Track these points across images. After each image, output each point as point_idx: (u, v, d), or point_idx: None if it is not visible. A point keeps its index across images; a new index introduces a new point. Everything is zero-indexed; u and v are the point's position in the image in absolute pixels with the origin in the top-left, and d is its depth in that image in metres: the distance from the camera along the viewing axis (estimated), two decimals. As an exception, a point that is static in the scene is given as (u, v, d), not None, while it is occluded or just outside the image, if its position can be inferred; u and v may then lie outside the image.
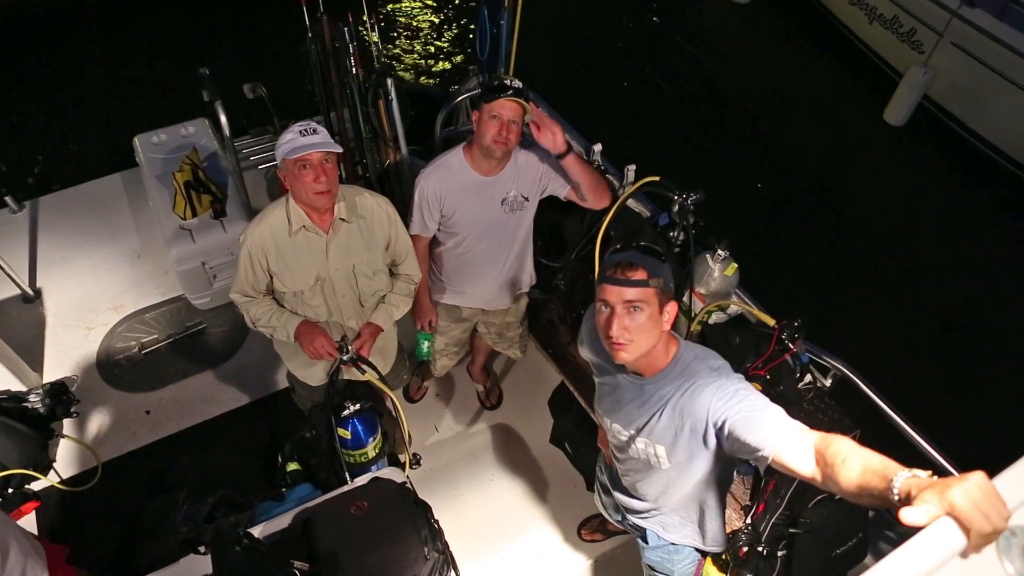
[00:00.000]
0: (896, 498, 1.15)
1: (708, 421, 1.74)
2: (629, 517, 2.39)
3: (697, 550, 2.30)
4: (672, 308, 1.81)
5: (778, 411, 1.64)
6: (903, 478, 1.15)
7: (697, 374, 1.81)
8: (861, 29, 7.71)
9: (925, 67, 6.79)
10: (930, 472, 1.14)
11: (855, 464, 1.31)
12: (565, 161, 2.63)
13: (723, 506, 2.18)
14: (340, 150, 2.40)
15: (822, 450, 1.43)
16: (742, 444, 1.63)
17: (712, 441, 1.77)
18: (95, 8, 8.07)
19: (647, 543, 2.37)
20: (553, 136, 2.56)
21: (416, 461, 2.90)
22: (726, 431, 1.69)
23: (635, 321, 1.75)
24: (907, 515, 1.00)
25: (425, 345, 3.26)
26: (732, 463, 2.04)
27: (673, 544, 2.29)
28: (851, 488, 1.31)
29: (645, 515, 2.29)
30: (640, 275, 1.74)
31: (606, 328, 1.78)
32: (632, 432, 1.99)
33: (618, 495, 2.37)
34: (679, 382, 1.83)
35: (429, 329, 3.20)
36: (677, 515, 2.20)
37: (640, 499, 2.25)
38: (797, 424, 1.58)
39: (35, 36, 7.84)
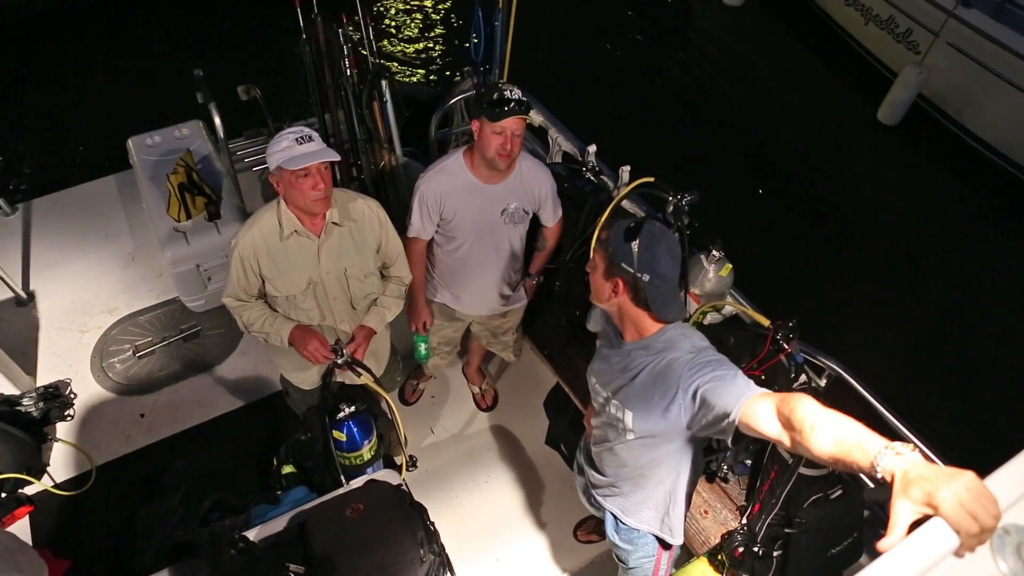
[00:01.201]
0: (880, 478, 1.14)
1: (679, 389, 1.77)
2: (593, 495, 2.40)
3: (656, 538, 2.30)
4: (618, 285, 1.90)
5: (746, 379, 1.67)
6: (887, 458, 1.14)
7: (677, 347, 1.86)
8: (856, 30, 7.74)
9: (920, 67, 6.81)
10: (912, 446, 1.14)
11: (826, 433, 1.30)
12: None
13: (686, 500, 2.19)
14: (339, 158, 2.40)
15: (786, 413, 1.42)
16: (712, 412, 1.65)
17: (676, 412, 1.79)
18: (89, 10, 8.04)
19: (607, 525, 2.39)
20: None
21: (412, 463, 2.90)
22: (698, 399, 1.71)
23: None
24: (884, 545, 0.98)
25: (422, 347, 3.24)
26: (699, 453, 2.07)
27: (632, 529, 2.29)
28: (824, 457, 1.30)
29: (606, 492, 2.30)
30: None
31: None
32: (608, 394, 2.04)
33: (587, 468, 2.39)
34: (659, 350, 1.88)
35: (424, 331, 3.20)
36: (635, 497, 2.21)
37: (601, 473, 2.28)
38: (763, 389, 1.61)
39: (28, 38, 7.81)
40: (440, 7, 8.67)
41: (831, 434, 1.29)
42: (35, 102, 7.25)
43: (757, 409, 1.52)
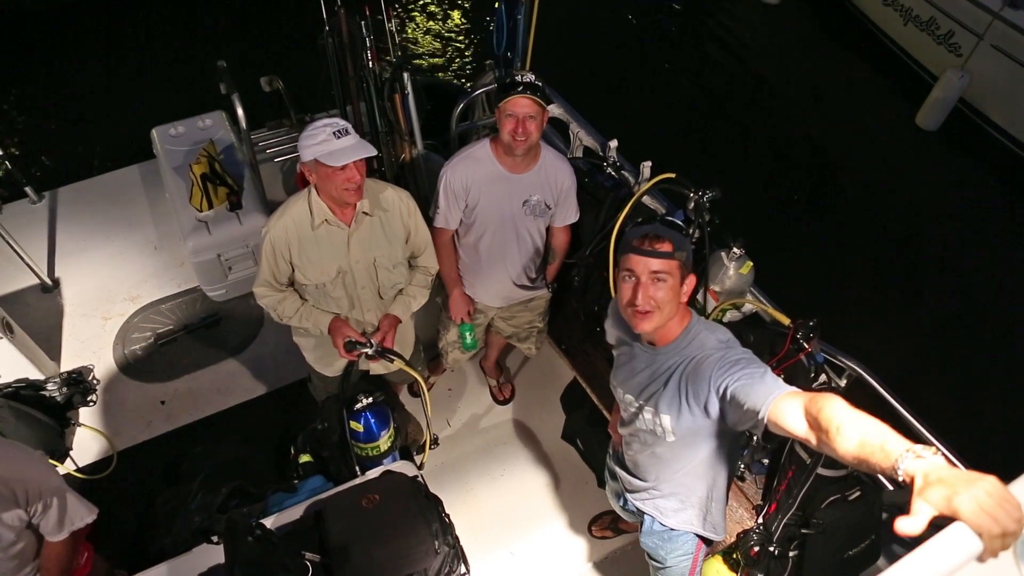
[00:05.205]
0: (901, 480, 1.13)
1: (710, 388, 1.77)
2: (629, 499, 2.39)
3: (697, 536, 2.30)
4: (691, 281, 1.88)
5: (775, 377, 1.67)
6: (908, 461, 1.13)
7: (704, 345, 1.87)
8: (895, 31, 7.53)
9: (962, 70, 6.61)
10: (934, 449, 1.13)
11: (851, 434, 1.29)
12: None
13: (726, 493, 2.19)
14: (375, 153, 2.42)
15: (814, 413, 1.41)
16: (742, 410, 1.65)
17: (714, 410, 1.80)
18: (115, 1, 8.12)
19: (643, 528, 2.38)
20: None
21: (435, 442, 2.92)
22: (728, 398, 1.72)
23: (658, 291, 1.82)
24: (902, 526, 0.99)
25: (468, 336, 3.19)
26: (736, 446, 2.08)
27: (671, 530, 2.29)
28: (849, 458, 1.29)
29: (643, 496, 2.29)
30: (666, 247, 1.81)
31: (631, 297, 1.84)
32: (641, 402, 2.03)
33: (621, 473, 2.39)
34: (687, 352, 1.89)
35: (469, 319, 3.17)
36: (676, 498, 2.20)
37: (640, 478, 2.27)
38: (792, 388, 1.60)
39: (55, 28, 7.91)
40: (464, 0, 8.65)
41: (856, 435, 1.28)
42: (61, 92, 7.34)
43: (785, 408, 1.51)
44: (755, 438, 2.68)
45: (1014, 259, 5.92)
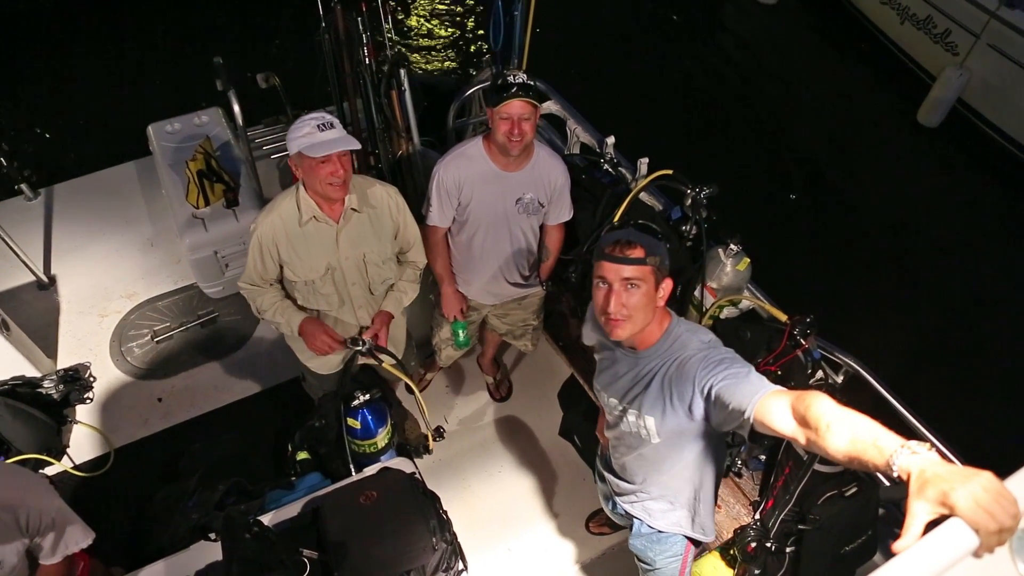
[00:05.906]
0: (896, 476, 1.13)
1: (695, 389, 1.77)
2: (618, 502, 2.39)
3: (686, 538, 2.30)
4: (667, 285, 1.86)
5: (760, 376, 1.66)
6: (903, 457, 1.13)
7: (686, 346, 1.85)
8: (892, 29, 7.50)
9: (960, 69, 6.62)
10: (928, 445, 1.13)
11: (842, 431, 1.29)
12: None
13: (714, 494, 2.19)
14: (359, 147, 2.41)
15: (802, 411, 1.41)
16: (728, 410, 1.64)
17: (699, 411, 1.79)
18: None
19: (632, 530, 2.38)
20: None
21: (439, 434, 2.92)
22: (712, 398, 1.71)
23: (631, 298, 1.80)
24: (900, 547, 0.97)
25: (461, 334, 3.19)
26: (722, 446, 2.07)
27: (659, 532, 2.29)
28: (839, 456, 1.29)
29: (632, 498, 2.30)
30: (638, 253, 1.79)
31: (604, 305, 1.83)
32: (624, 405, 2.03)
33: (609, 476, 2.39)
34: (670, 354, 1.88)
35: (462, 317, 3.17)
36: (665, 500, 2.20)
37: (628, 481, 2.27)
38: (777, 387, 1.60)
39: (50, 24, 7.87)
40: (460, -4, 8.64)
41: (847, 432, 1.28)
42: (57, 88, 7.31)
43: (772, 407, 1.51)
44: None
45: (1012, 256, 5.94)
